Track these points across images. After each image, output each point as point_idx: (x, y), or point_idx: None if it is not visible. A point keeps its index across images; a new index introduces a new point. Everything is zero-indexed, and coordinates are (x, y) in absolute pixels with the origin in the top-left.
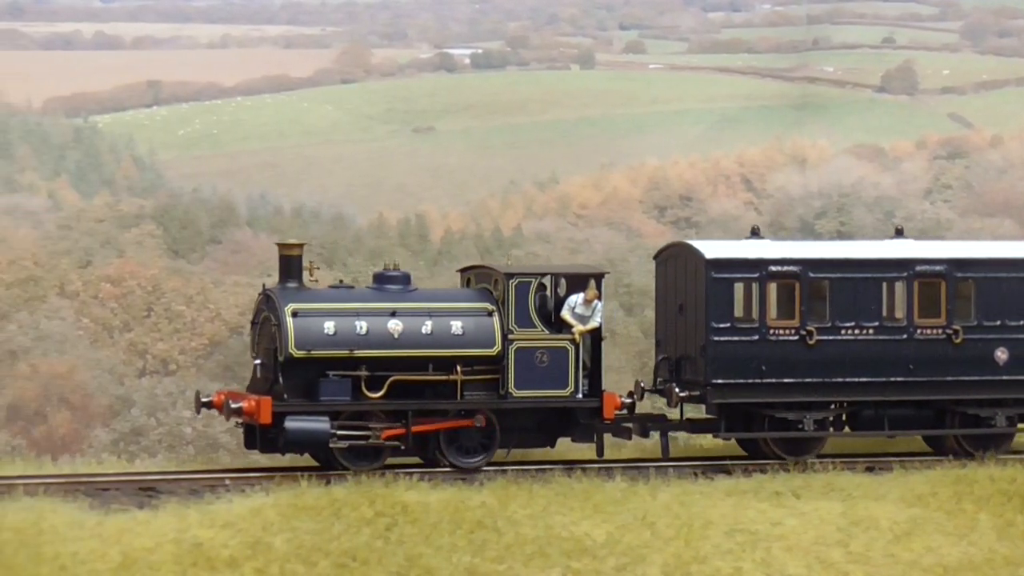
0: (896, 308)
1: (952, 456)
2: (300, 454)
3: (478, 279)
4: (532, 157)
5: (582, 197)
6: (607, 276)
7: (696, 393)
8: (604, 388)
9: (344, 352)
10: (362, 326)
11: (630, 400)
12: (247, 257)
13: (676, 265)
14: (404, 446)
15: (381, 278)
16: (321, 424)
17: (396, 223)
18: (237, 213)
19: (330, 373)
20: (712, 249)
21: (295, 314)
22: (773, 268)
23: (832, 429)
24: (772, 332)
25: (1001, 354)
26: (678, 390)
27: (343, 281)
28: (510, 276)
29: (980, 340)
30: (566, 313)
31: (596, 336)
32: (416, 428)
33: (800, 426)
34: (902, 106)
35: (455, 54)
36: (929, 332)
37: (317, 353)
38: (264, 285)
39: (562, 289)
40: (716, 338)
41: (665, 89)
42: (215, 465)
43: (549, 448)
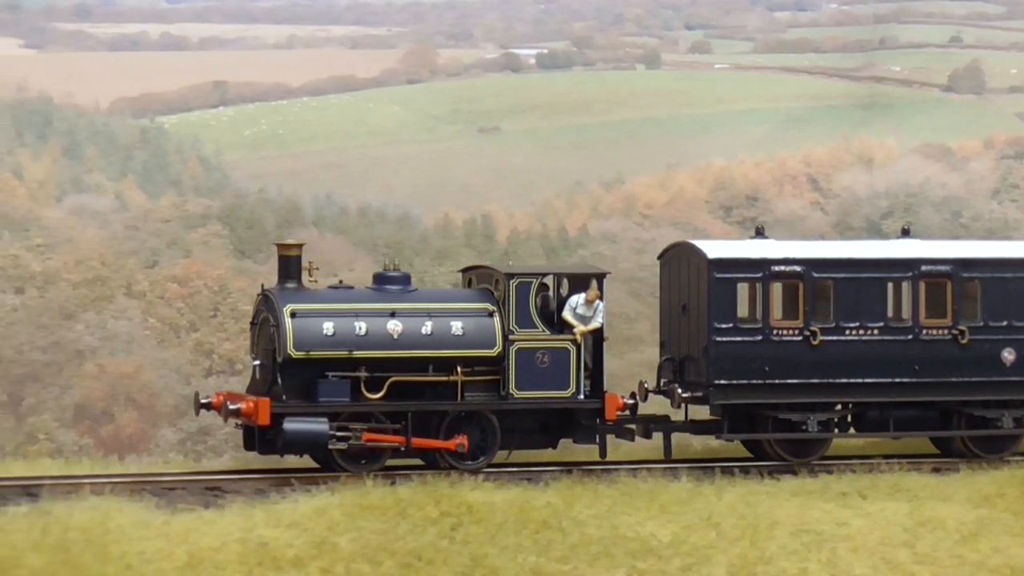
0: (901, 308)
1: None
2: (299, 455)
3: (479, 279)
4: (598, 157)
5: (648, 197)
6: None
7: (699, 394)
8: (606, 389)
9: (343, 353)
10: (361, 327)
11: (632, 401)
12: (313, 257)
13: (679, 265)
14: (403, 447)
15: (381, 278)
16: (320, 425)
17: (462, 223)
18: (303, 213)
19: (329, 374)
20: (715, 249)
21: (294, 315)
22: (776, 268)
23: (837, 430)
24: (775, 332)
25: (1008, 355)
26: (680, 391)
27: (342, 281)
28: (511, 276)
29: (986, 341)
30: (567, 313)
31: (598, 337)
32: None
33: (804, 427)
34: (969, 105)
35: (521, 54)
36: (935, 332)
37: (316, 354)
38: (263, 286)
39: (565, 289)
40: (718, 338)
41: (731, 89)
42: (281, 465)
43: (551, 449)
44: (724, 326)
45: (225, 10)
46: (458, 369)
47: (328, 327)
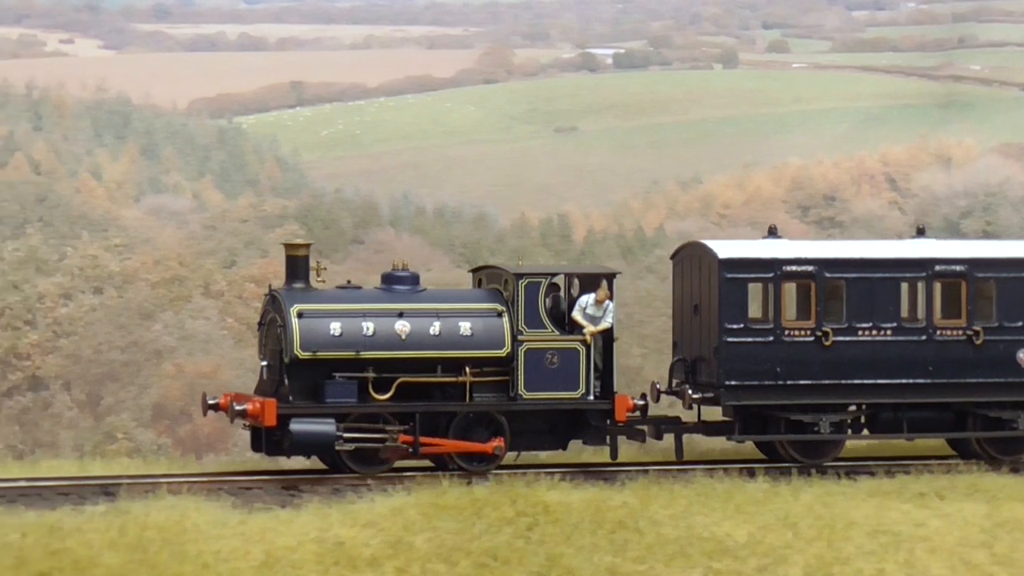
0: (915, 309)
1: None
2: (307, 457)
3: (489, 279)
4: (674, 157)
5: (725, 197)
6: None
7: (710, 395)
8: (616, 390)
9: (350, 353)
10: (369, 327)
11: (643, 402)
12: (390, 257)
13: (691, 265)
14: (412, 449)
15: (389, 278)
16: (327, 426)
17: (538, 223)
18: (379, 213)
19: (336, 375)
20: (726, 249)
21: (300, 315)
22: (788, 268)
23: (850, 432)
24: (787, 333)
25: (1023, 355)
26: (691, 392)
27: (351, 281)
28: (520, 276)
29: (1001, 341)
30: (577, 314)
31: (608, 337)
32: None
33: (816, 429)
34: None
35: (597, 54)
36: (949, 333)
37: (323, 354)
38: (270, 286)
39: (576, 290)
40: (729, 339)
41: (808, 88)
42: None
43: (561, 450)
44: (735, 327)
45: (303, 10)
46: (467, 370)
47: (335, 327)
